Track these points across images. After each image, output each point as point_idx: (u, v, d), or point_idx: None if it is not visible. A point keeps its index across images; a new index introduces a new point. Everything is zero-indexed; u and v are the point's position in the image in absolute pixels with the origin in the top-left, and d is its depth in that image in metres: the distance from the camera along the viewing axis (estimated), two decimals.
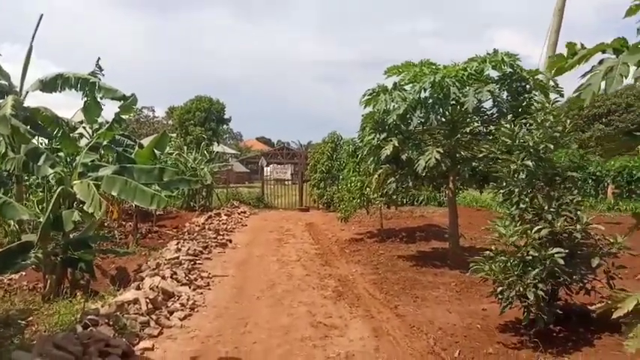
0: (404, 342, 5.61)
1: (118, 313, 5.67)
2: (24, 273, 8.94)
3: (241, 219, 18.54)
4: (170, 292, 6.91)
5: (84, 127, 13.15)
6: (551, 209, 5.43)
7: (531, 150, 5.44)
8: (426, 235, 13.71)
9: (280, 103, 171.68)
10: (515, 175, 5.83)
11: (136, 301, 6.10)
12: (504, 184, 6.03)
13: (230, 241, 13.20)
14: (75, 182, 8.06)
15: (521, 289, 5.12)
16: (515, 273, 5.22)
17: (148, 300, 6.18)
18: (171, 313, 6.34)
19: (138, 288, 6.72)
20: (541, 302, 5.09)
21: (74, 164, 8.98)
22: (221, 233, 14.02)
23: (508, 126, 5.90)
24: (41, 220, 7.31)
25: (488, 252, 5.76)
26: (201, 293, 7.66)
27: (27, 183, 13.96)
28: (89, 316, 5.20)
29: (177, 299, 6.92)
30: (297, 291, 8.05)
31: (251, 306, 7.19)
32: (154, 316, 5.98)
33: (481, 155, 7.65)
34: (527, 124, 6.31)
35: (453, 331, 5.91)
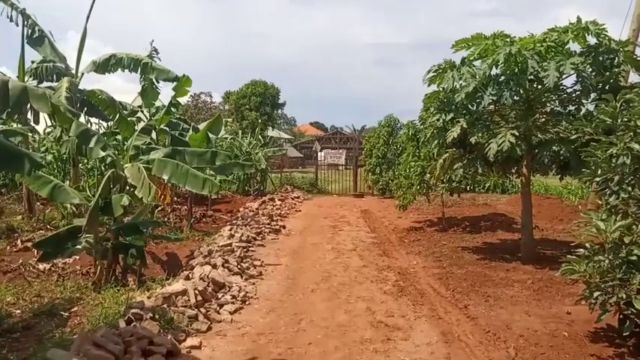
0: (479, 351, 4.90)
1: (165, 306, 5.30)
2: (78, 257, 8.88)
3: (295, 204, 18.16)
4: (221, 282, 6.51)
5: (142, 111, 13.12)
6: None
7: (638, 130, 4.53)
8: (491, 224, 12.75)
9: (334, 88, 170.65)
10: (614, 160, 4.92)
11: (184, 292, 5.72)
12: (600, 171, 5.13)
13: (284, 227, 12.81)
14: (126, 165, 7.82)
15: (625, 296, 4.28)
16: (618, 276, 4.37)
17: (197, 292, 5.79)
18: (221, 306, 5.93)
19: (187, 278, 6.37)
20: None
21: (125, 147, 8.75)
22: (275, 219, 13.65)
23: (608, 102, 4.98)
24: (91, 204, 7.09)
25: (582, 250, 4.91)
26: (254, 284, 7.23)
27: (85, 166, 14.17)
28: (133, 310, 4.84)
29: (229, 290, 6.51)
30: (354, 284, 7.48)
31: (305, 299, 6.69)
32: (202, 310, 5.59)
33: (573, 137, 6.66)
34: (625, 102, 5.36)
35: (537, 340, 5.13)
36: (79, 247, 7.48)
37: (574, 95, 8.66)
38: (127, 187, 7.79)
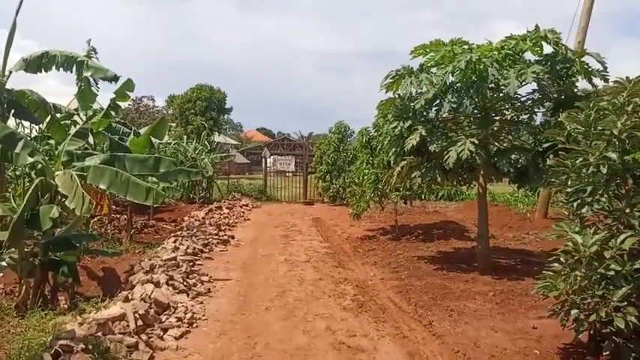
0: None
1: (100, 334, 4.62)
2: (1, 274, 7.92)
3: (243, 212, 17.51)
4: (165, 303, 5.86)
5: (78, 114, 12.11)
6: (637, 212, 4.35)
7: (615, 140, 4.36)
8: (444, 232, 12.68)
9: (280, 94, 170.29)
10: (585, 170, 4.74)
11: (122, 317, 5.05)
12: (570, 181, 4.95)
13: (233, 237, 12.16)
14: (57, 173, 7.00)
15: (604, 315, 4.05)
16: (598, 293, 4.15)
17: (137, 315, 5.13)
18: (165, 330, 5.30)
19: (126, 299, 5.67)
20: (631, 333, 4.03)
21: (57, 152, 7.89)
22: (223, 228, 12.99)
23: (582, 110, 4.80)
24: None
25: (556, 264, 4.68)
26: (202, 302, 6.61)
27: (14, 173, 12.90)
28: (62, 341, 4.16)
29: (174, 311, 5.87)
30: (311, 300, 7.02)
31: (260, 319, 6.15)
32: (144, 336, 4.94)
33: (545, 145, 6.52)
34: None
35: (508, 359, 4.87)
36: (2, 264, 6.60)
37: (528, 104, 8.67)
38: (59, 197, 6.98)
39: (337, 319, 6.18)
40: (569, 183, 4.91)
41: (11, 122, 13.84)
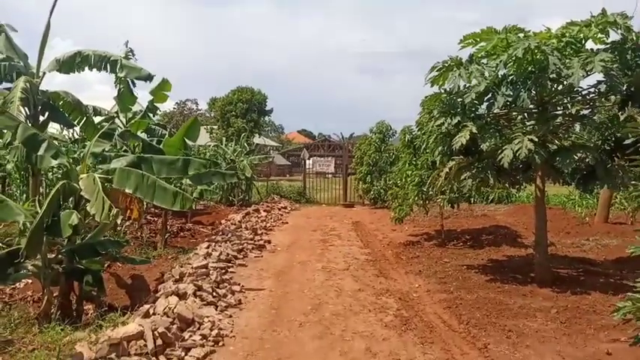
0: None
1: (113, 355, 4.16)
2: (30, 281, 7.70)
3: (281, 215, 17.05)
4: (189, 318, 5.36)
5: (118, 117, 11.97)
6: None
7: None
8: (494, 238, 11.75)
9: (320, 95, 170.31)
10: None
11: (140, 335, 4.58)
12: None
13: (269, 242, 11.68)
14: (82, 176, 6.67)
15: None
16: None
17: (157, 334, 4.65)
18: (187, 350, 4.79)
19: (147, 314, 5.21)
20: None
21: (82, 154, 7.60)
22: (259, 232, 12.54)
23: None
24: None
25: None
26: (230, 316, 6.09)
27: (55, 177, 12.90)
28: None
29: (198, 327, 5.37)
30: (349, 314, 6.38)
31: (292, 337, 5.57)
32: (162, 358, 4.45)
33: (628, 141, 5.63)
34: None
35: None
36: (22, 272, 6.32)
37: (591, 97, 7.75)
38: (83, 202, 6.64)
39: (378, 338, 5.53)
40: None
41: (55, 126, 13.97)
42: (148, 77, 9.80)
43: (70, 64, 10.14)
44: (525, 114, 8.41)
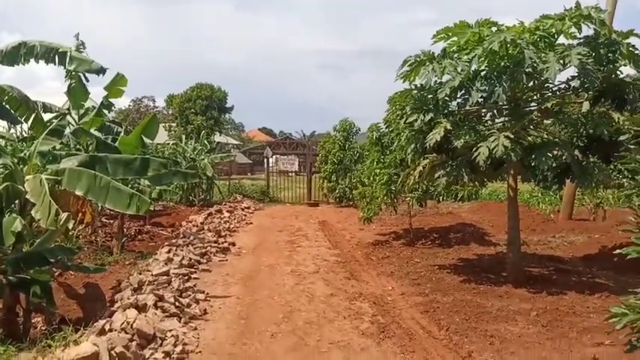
0: None
1: None
2: None
3: (245, 215, 16.52)
4: (149, 334, 4.87)
5: (70, 114, 11.16)
6: None
7: None
8: (462, 236, 11.67)
9: (281, 94, 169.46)
10: None
11: (95, 356, 4.07)
12: None
13: (233, 244, 11.18)
14: (28, 177, 6.02)
15: None
16: None
17: (114, 354, 4.15)
18: None
19: (102, 332, 4.67)
20: None
21: (28, 153, 6.92)
22: (223, 234, 12.00)
23: None
24: None
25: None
26: (195, 329, 5.62)
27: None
28: None
29: (161, 343, 4.88)
30: (323, 322, 6.02)
31: (264, 350, 5.16)
32: None
33: (622, 137, 5.48)
34: None
35: None
36: None
37: (564, 93, 7.69)
38: (30, 206, 6.00)
39: (356, 348, 5.20)
40: None
41: (3, 124, 12.95)
42: (100, 70, 9.09)
43: (14, 55, 9.28)
44: (495, 111, 8.28)
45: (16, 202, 6.19)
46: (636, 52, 6.94)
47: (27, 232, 5.69)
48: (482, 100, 7.15)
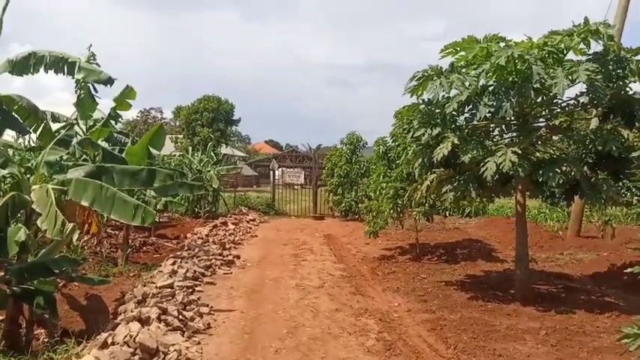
0: None
1: None
2: None
3: (250, 228, 16.47)
4: (152, 348, 4.80)
5: (78, 124, 11.22)
6: None
7: None
8: (469, 253, 11.56)
9: (288, 106, 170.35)
10: None
11: None
12: None
13: (238, 257, 11.11)
14: (34, 187, 6.03)
15: None
16: None
17: None
18: None
19: (104, 345, 4.62)
20: None
21: (35, 163, 6.94)
22: (227, 247, 11.96)
23: None
24: None
25: None
26: (199, 343, 5.55)
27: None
28: None
29: (163, 358, 4.81)
30: (328, 338, 5.94)
31: None
32: None
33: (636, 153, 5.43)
34: None
35: None
36: None
37: (573, 109, 7.65)
38: (35, 216, 5.99)
39: None
40: None
41: (12, 134, 13.03)
42: (109, 81, 9.15)
43: (24, 65, 9.36)
44: (503, 126, 8.24)
45: (22, 211, 6.21)
46: None
47: (31, 242, 5.66)
48: (489, 115, 7.10)
